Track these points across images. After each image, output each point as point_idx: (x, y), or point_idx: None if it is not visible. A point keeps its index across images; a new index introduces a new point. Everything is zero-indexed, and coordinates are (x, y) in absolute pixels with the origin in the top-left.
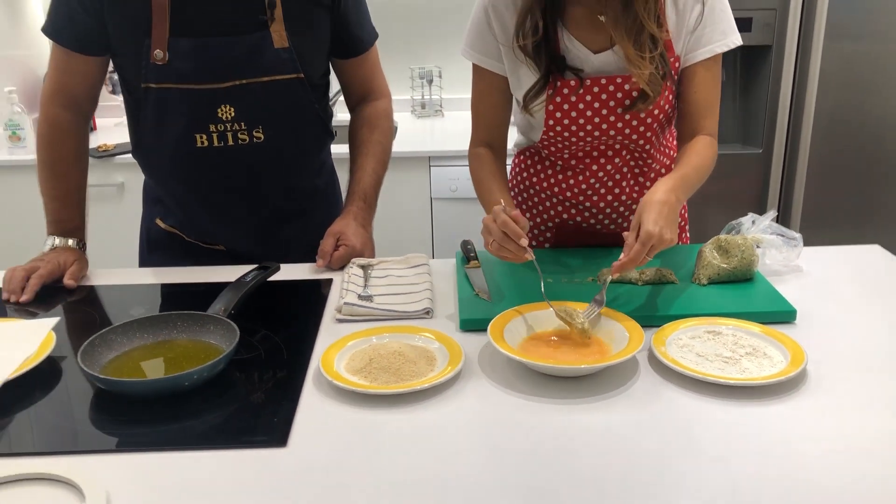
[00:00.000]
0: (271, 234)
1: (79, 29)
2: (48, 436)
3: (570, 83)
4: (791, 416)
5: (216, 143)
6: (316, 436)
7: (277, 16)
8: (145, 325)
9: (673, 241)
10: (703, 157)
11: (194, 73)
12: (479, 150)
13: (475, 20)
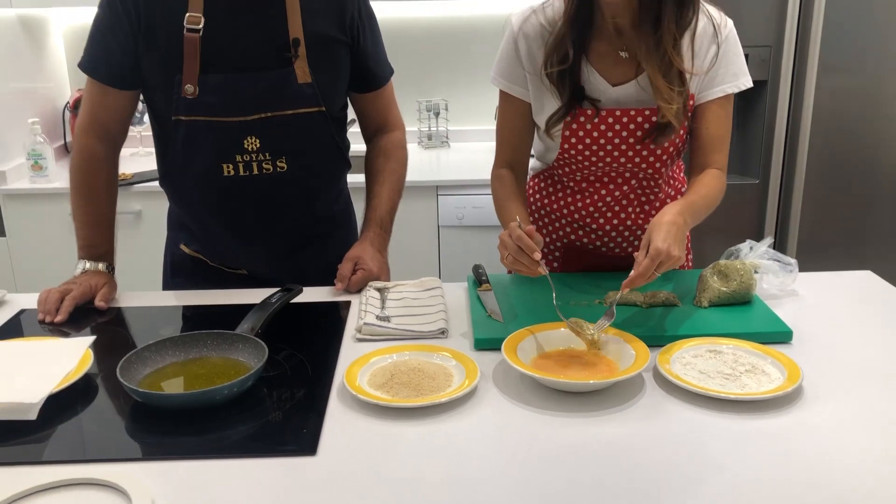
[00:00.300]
0: (291, 259)
1: (114, 65)
2: (91, 445)
3: (588, 112)
4: (788, 429)
5: (242, 173)
6: (343, 445)
7: (301, 53)
8: (178, 344)
9: (681, 258)
10: (710, 188)
11: (223, 106)
12: (501, 171)
13: (504, 50)
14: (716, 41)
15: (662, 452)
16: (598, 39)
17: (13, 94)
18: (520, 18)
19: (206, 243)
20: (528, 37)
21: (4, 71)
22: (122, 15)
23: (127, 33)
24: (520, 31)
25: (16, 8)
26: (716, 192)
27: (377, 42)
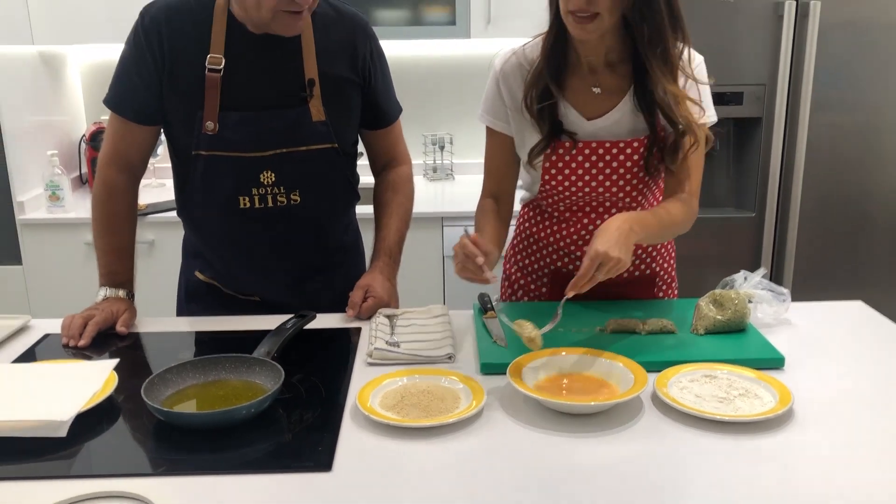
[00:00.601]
0: (302, 287)
1: (138, 102)
2: (117, 460)
3: (566, 144)
4: (779, 450)
5: (258, 205)
6: (356, 463)
7: (315, 93)
8: (198, 366)
9: (621, 260)
10: (669, 211)
11: (241, 142)
12: (485, 201)
13: (489, 89)
14: (683, 76)
15: (659, 471)
16: (573, 76)
17: (33, 126)
18: (501, 60)
19: (220, 271)
20: (509, 76)
21: (25, 105)
22: (147, 54)
23: (151, 72)
24: (501, 71)
25: (37, 45)
26: (678, 216)
27: (387, 82)
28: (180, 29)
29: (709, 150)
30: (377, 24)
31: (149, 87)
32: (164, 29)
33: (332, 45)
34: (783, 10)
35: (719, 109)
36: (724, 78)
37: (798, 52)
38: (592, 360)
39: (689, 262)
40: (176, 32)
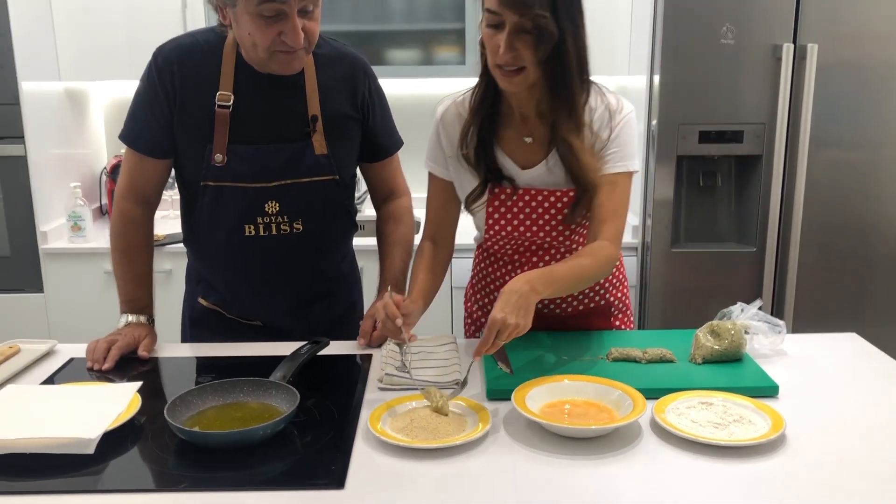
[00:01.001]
0: (302, 312)
1: (151, 137)
2: (141, 477)
3: (507, 190)
4: (772, 474)
5: (262, 233)
6: (367, 481)
7: (318, 128)
8: (218, 389)
9: (519, 325)
10: (586, 258)
11: (247, 173)
12: (424, 243)
13: (431, 136)
14: (609, 126)
15: (656, 493)
16: (506, 127)
17: (57, 159)
18: (442, 108)
19: (225, 296)
20: (447, 124)
21: (50, 138)
22: (159, 92)
23: (164, 109)
24: (441, 119)
25: (63, 81)
26: (595, 261)
27: (386, 117)
28: (191, 68)
29: (711, 185)
30: (391, 64)
31: (161, 122)
32: (175, 68)
33: (334, 83)
34: (781, 52)
35: (721, 147)
36: (725, 117)
37: (796, 93)
38: (593, 386)
39: (692, 294)
40: (187, 71)
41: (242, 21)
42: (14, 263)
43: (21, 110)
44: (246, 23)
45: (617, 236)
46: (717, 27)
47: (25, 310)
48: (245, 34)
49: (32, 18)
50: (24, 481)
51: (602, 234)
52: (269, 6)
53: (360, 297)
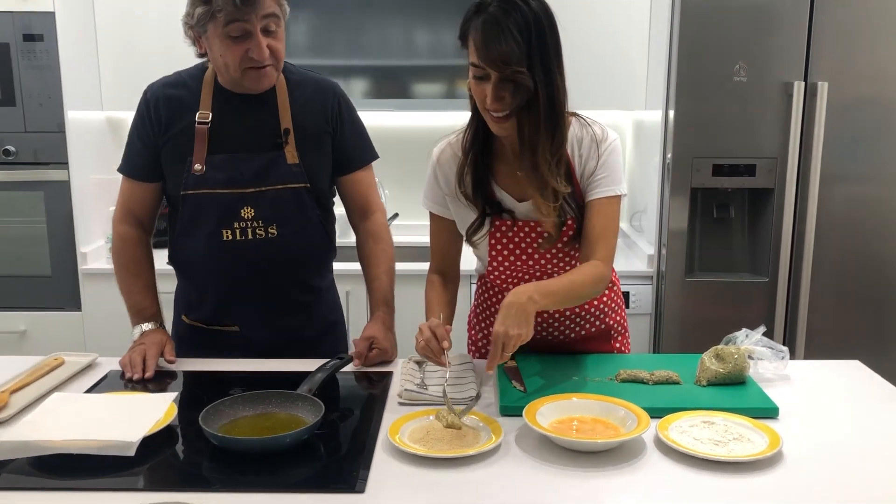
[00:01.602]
0: (279, 322)
1: (141, 162)
2: (177, 478)
3: (507, 222)
4: (768, 489)
5: (239, 238)
6: (387, 487)
7: (290, 140)
8: (248, 400)
9: (520, 335)
10: (579, 274)
11: (224, 181)
12: (432, 276)
13: (428, 177)
14: (596, 154)
15: (657, 502)
16: (501, 162)
17: (97, 184)
18: (438, 150)
19: (204, 304)
20: (443, 165)
21: (92, 164)
22: (146, 121)
23: (150, 135)
24: (437, 161)
25: (105, 111)
26: (588, 279)
27: (356, 131)
28: (175, 97)
29: (724, 217)
30: (416, 97)
31: (149, 148)
32: (161, 100)
33: (304, 100)
34: (792, 89)
35: (734, 180)
36: (738, 151)
37: (807, 128)
38: (600, 404)
39: (705, 322)
40: (172, 101)
41: (214, 45)
42: (54, 283)
43: (66, 138)
44: (217, 45)
45: (608, 257)
46: (731, 65)
47: (64, 327)
48: (218, 56)
49: (79, 53)
50: (72, 479)
51: (594, 254)
52: (235, 26)
53: (342, 318)
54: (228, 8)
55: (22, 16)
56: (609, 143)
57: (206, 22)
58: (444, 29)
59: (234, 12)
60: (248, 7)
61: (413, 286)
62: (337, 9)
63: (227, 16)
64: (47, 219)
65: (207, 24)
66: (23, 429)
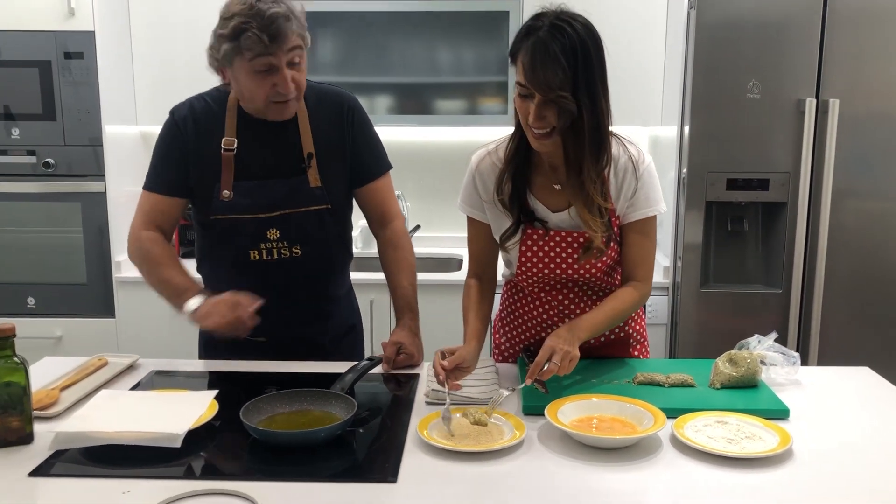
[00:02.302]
0: (303, 331)
1: (168, 178)
2: (220, 468)
3: (539, 231)
4: (778, 484)
5: (265, 258)
6: (417, 477)
7: (313, 164)
8: (285, 398)
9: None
10: (619, 302)
11: (251, 206)
12: (470, 280)
13: (466, 183)
14: (635, 175)
15: (672, 495)
16: (538, 174)
17: (131, 196)
18: (477, 158)
19: None
20: (483, 173)
21: (126, 177)
22: (177, 140)
23: (181, 154)
24: (477, 168)
25: (140, 125)
26: (627, 304)
27: (370, 142)
28: (202, 120)
29: (738, 230)
30: (438, 113)
31: (178, 166)
32: (189, 122)
33: (323, 121)
34: (804, 106)
35: (748, 194)
36: (752, 166)
37: (819, 144)
38: (619, 404)
39: (720, 333)
40: (199, 125)
41: (239, 78)
42: (90, 290)
43: (104, 151)
44: (242, 79)
45: (648, 276)
46: (744, 83)
47: (98, 333)
48: (243, 89)
49: (116, 70)
50: (121, 468)
51: (635, 277)
52: (261, 61)
53: (360, 321)
54: (257, 48)
55: (64, 35)
56: (646, 165)
57: (232, 57)
58: (464, 47)
59: (262, 50)
60: (275, 45)
61: (435, 295)
62: (361, 28)
63: (255, 53)
64: (83, 229)
65: (234, 59)
66: (75, 422)
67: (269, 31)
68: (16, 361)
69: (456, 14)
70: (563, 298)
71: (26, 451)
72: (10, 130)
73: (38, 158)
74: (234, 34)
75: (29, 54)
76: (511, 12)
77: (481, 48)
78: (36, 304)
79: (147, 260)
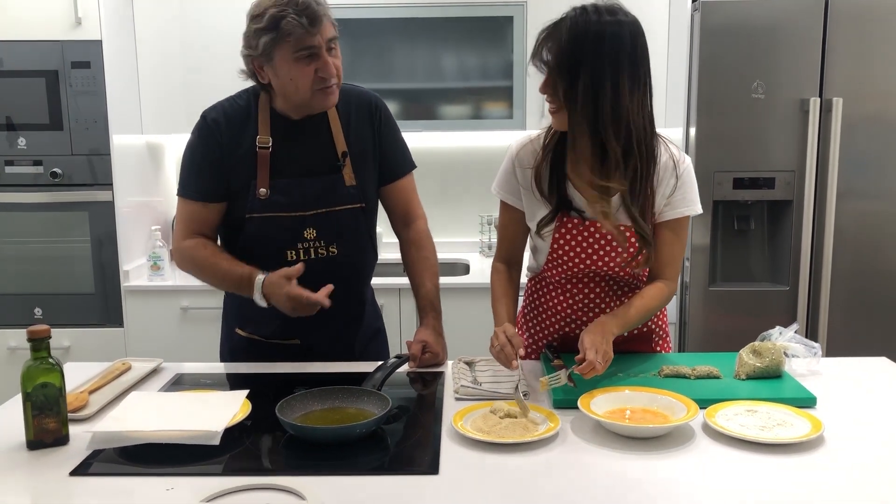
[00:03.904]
0: (335, 333)
1: (206, 185)
2: (257, 464)
3: (575, 220)
4: (812, 469)
5: (302, 257)
6: (457, 469)
7: (347, 162)
8: (318, 395)
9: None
10: (648, 299)
11: (288, 204)
12: (498, 265)
13: (504, 168)
14: (675, 174)
15: (708, 482)
16: (577, 164)
17: (137, 205)
18: (518, 145)
19: (266, 319)
20: (523, 160)
21: (134, 186)
22: (211, 144)
23: (216, 158)
24: (517, 154)
25: (145, 135)
26: (656, 301)
27: (395, 141)
28: (235, 123)
29: (745, 229)
30: (443, 119)
31: (214, 171)
32: (223, 123)
33: (353, 119)
34: (808, 105)
35: (754, 193)
36: (757, 164)
37: (824, 143)
38: (651, 396)
39: (729, 330)
40: (232, 126)
41: (282, 70)
42: (97, 300)
43: (111, 160)
44: (286, 70)
45: (677, 274)
46: (749, 83)
47: (106, 342)
48: (287, 81)
49: (123, 79)
50: (159, 466)
51: (664, 275)
52: (303, 44)
53: (384, 324)
54: (298, 31)
55: (71, 44)
56: (686, 165)
57: (272, 49)
58: (469, 53)
59: (303, 34)
60: (315, 28)
61: (443, 298)
62: (367, 35)
63: (296, 38)
64: (91, 238)
65: (274, 52)
66: (109, 423)
67: (307, 13)
68: (51, 363)
69: (460, 20)
70: (590, 292)
71: (63, 451)
72: (16, 140)
73: (45, 168)
74: (274, 23)
75: (36, 64)
76: (515, 17)
77: (486, 53)
78: (43, 315)
79: (196, 265)
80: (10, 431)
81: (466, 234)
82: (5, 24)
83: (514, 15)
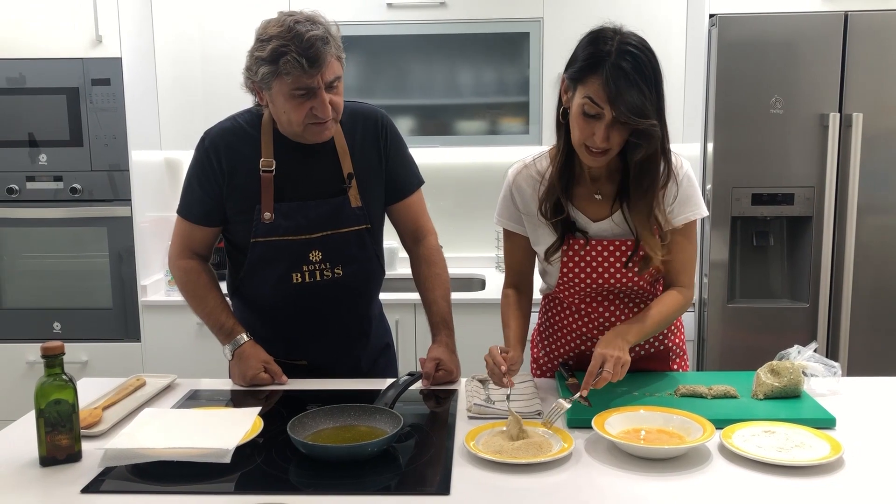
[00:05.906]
0: (341, 352)
1: (204, 208)
2: (268, 483)
3: (580, 241)
4: (831, 491)
5: (307, 280)
6: (469, 489)
7: (353, 184)
8: (329, 413)
9: (621, 357)
10: (665, 307)
11: (293, 228)
12: (508, 290)
13: (503, 197)
14: (675, 181)
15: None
16: (578, 185)
17: (155, 221)
18: (514, 171)
19: (272, 340)
20: (521, 186)
21: (152, 202)
22: (209, 168)
23: (214, 182)
24: (514, 182)
25: (163, 151)
26: (672, 309)
27: (403, 158)
28: (235, 145)
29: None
30: (459, 134)
31: (212, 194)
32: (221, 148)
33: (359, 139)
34: (828, 121)
35: (773, 209)
36: (777, 180)
37: (843, 158)
38: (665, 416)
39: (747, 348)
40: (232, 148)
41: (277, 101)
42: (115, 315)
43: (130, 176)
44: (280, 102)
45: (692, 282)
46: (767, 98)
47: (124, 357)
48: (281, 112)
49: (142, 96)
50: (170, 484)
51: (678, 282)
52: (300, 85)
53: (392, 340)
54: (296, 72)
55: (92, 62)
56: (685, 171)
57: (270, 81)
58: (484, 69)
59: (301, 75)
60: (314, 69)
61: (458, 314)
62: (383, 51)
63: (294, 78)
64: (109, 253)
65: (272, 84)
66: (122, 440)
67: (308, 54)
68: (65, 379)
69: (477, 36)
70: (604, 311)
71: (75, 468)
72: (38, 156)
73: (64, 184)
74: (273, 57)
75: (57, 81)
76: (531, 33)
77: (502, 69)
78: (62, 329)
79: (188, 290)
80: (23, 447)
81: (482, 249)
82: (28, 43)
83: (531, 31)
